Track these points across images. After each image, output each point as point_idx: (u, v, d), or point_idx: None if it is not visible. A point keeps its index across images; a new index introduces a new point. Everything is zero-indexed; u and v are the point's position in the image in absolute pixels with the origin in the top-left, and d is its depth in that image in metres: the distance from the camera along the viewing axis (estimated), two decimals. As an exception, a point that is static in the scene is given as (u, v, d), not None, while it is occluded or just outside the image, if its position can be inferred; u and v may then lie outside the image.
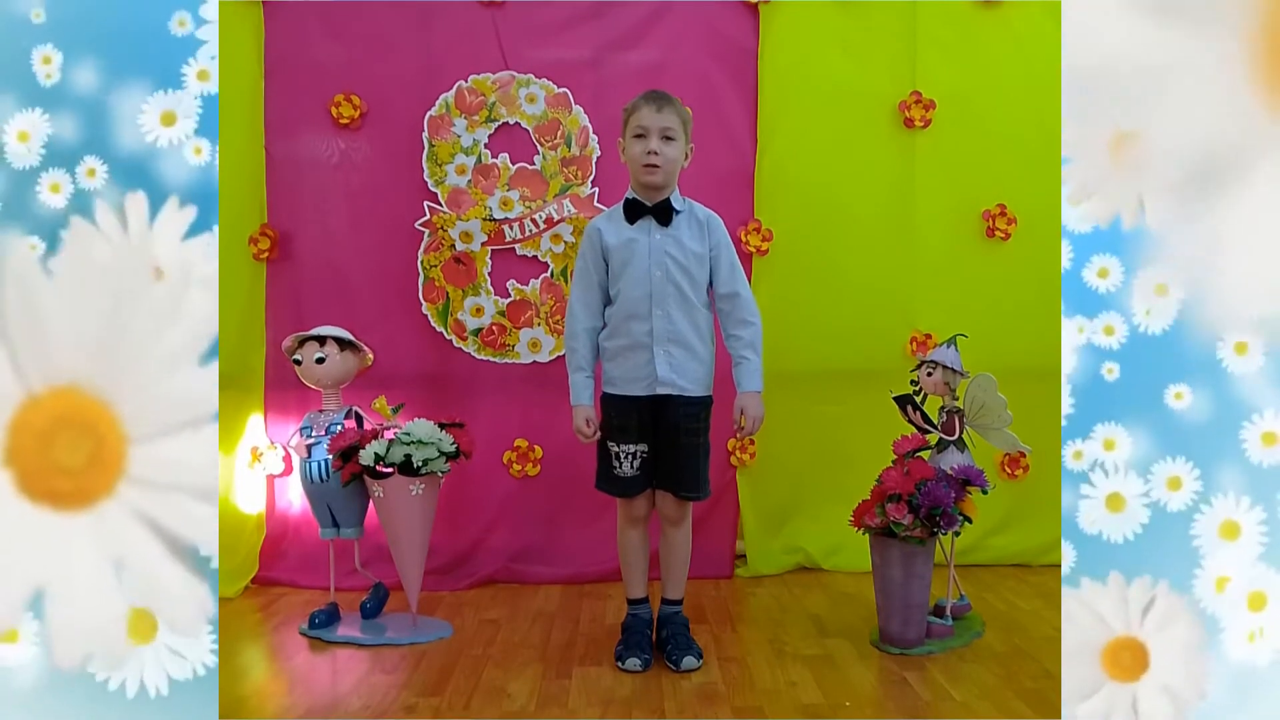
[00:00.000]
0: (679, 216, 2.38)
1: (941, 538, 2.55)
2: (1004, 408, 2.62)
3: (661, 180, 2.34)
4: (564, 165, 3.01)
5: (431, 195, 3.06)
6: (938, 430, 2.69)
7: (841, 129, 3.20)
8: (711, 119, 3.07)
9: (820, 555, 3.28)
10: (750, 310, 2.40)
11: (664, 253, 2.35)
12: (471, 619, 2.81)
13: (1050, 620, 2.74)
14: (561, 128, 3.01)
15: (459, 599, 3.00)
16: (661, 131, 2.31)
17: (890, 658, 2.47)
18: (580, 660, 2.46)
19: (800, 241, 3.23)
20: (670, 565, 2.52)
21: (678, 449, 2.39)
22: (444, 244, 3.05)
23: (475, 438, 2.83)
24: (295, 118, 3.07)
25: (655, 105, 2.32)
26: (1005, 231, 3.27)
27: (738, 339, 2.40)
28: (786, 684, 2.30)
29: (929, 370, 2.70)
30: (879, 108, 3.21)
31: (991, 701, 2.18)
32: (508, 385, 3.22)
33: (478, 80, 3.00)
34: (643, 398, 2.39)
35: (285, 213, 3.12)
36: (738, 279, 2.41)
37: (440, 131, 2.98)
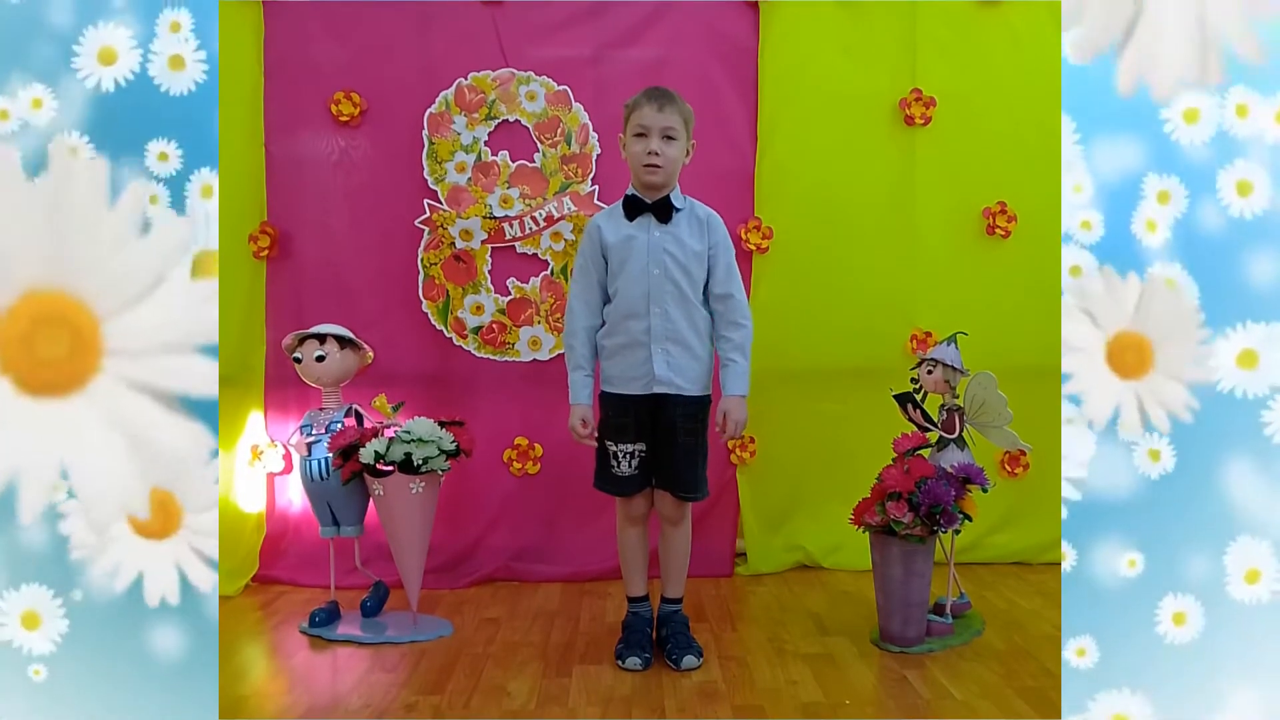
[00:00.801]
0: (679, 214, 2.38)
1: (941, 536, 2.55)
2: (1004, 405, 2.62)
3: (662, 180, 2.34)
4: (564, 163, 3.01)
5: (431, 193, 3.05)
6: (938, 428, 2.69)
7: (842, 127, 3.20)
8: (712, 118, 3.06)
9: (820, 554, 3.28)
10: (742, 313, 2.40)
11: (663, 250, 2.35)
12: (472, 617, 2.81)
13: (1050, 619, 2.74)
14: (561, 125, 3.01)
15: (459, 597, 3.00)
16: (663, 131, 2.31)
17: (890, 656, 2.48)
18: (580, 659, 2.46)
19: (800, 240, 3.23)
20: (670, 564, 2.52)
21: (675, 449, 2.39)
22: (444, 242, 3.05)
23: (475, 436, 2.83)
24: (295, 116, 3.08)
25: (657, 104, 2.31)
26: (1005, 230, 3.27)
27: (727, 341, 2.39)
28: (787, 682, 2.30)
29: (929, 368, 2.70)
30: (879, 106, 3.21)
31: (992, 700, 2.18)
32: (508, 383, 3.22)
33: (477, 78, 2.99)
34: (640, 396, 2.39)
35: (285, 211, 3.12)
36: (733, 280, 2.41)
37: (440, 129, 2.98)
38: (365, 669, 2.41)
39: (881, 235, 3.26)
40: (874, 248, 3.26)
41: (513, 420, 3.23)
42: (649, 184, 2.34)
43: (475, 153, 2.99)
